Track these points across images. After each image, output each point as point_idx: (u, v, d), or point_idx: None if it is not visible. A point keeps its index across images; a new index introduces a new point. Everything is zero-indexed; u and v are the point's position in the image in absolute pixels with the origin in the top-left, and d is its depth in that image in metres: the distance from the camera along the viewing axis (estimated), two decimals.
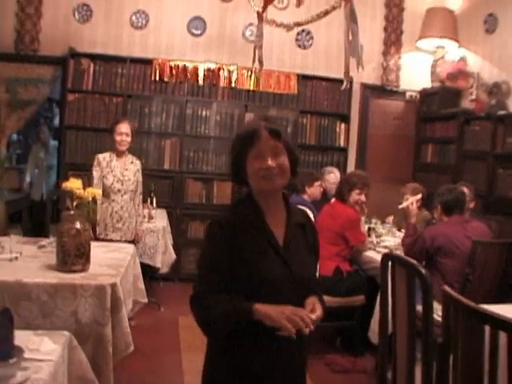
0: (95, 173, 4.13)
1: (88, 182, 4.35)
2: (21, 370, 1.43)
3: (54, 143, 5.87)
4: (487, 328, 1.57)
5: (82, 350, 1.86)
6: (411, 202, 3.95)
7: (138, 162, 4.37)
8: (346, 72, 2.74)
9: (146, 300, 3.36)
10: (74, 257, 2.52)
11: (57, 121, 7.05)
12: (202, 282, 1.59)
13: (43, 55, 5.55)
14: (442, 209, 3.57)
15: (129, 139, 4.23)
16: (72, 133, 5.45)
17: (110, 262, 2.83)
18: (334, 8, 2.44)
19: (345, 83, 2.82)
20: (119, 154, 4.22)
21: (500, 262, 3.22)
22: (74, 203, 2.71)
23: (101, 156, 4.19)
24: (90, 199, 2.78)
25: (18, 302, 2.33)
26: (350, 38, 2.45)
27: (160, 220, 4.68)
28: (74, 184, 2.74)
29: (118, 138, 4.15)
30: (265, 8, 2.63)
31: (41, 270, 2.56)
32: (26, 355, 1.49)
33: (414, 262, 2.13)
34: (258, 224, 1.62)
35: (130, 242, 4.01)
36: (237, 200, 1.74)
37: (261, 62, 3.06)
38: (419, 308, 2.16)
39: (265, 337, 1.50)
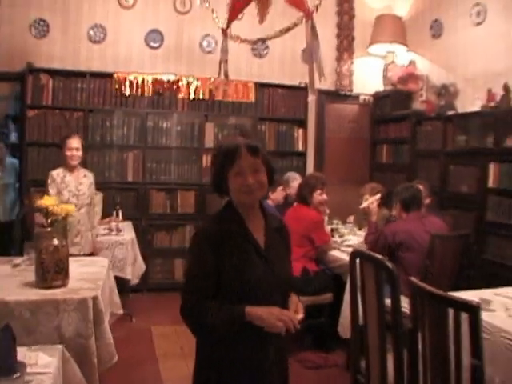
0: (51, 190, 4.18)
1: None
2: (24, 383, 1.51)
3: (10, 160, 5.77)
4: (451, 311, 1.75)
5: (74, 362, 1.94)
6: (371, 201, 4.14)
7: (90, 175, 4.46)
8: (311, 85, 2.88)
9: (121, 312, 3.43)
10: (53, 273, 2.59)
11: (13, 137, 6.99)
12: (191, 290, 1.69)
13: (0, 71, 5.50)
14: (400, 206, 3.78)
15: (79, 153, 4.30)
16: (33, 149, 5.43)
17: (87, 276, 2.89)
18: (295, 25, 2.59)
19: (310, 96, 2.96)
20: (71, 169, 4.28)
21: (456, 253, 3.45)
22: (49, 220, 2.77)
23: (54, 172, 4.25)
24: (63, 215, 2.84)
25: (0, 321, 2.37)
26: (314, 51, 2.59)
27: (128, 232, 4.74)
28: (48, 201, 2.80)
29: (68, 153, 4.23)
30: (228, 25, 2.77)
31: (20, 288, 2.60)
32: (27, 370, 1.57)
33: (381, 257, 2.30)
34: (240, 231, 1.74)
35: (88, 255, 4.08)
36: (218, 210, 1.85)
37: (226, 76, 3.18)
38: (388, 301, 2.33)
39: (253, 334, 1.62)
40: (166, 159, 5.79)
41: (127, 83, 5.59)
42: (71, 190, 4.23)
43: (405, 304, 2.35)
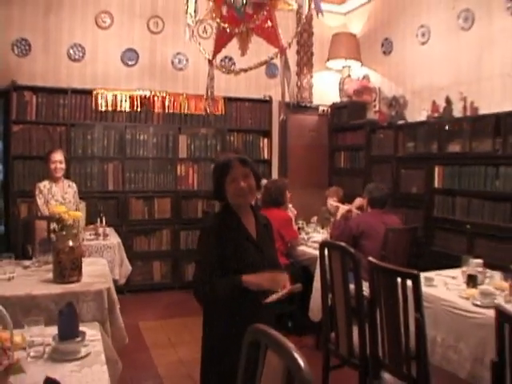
0: (39, 200, 4.64)
1: (35, 209, 4.85)
2: (84, 346, 1.98)
3: None
4: (399, 280, 2.32)
5: (105, 335, 2.40)
6: (343, 208, 4.72)
7: (74, 185, 4.94)
8: (283, 106, 3.40)
9: (119, 306, 3.86)
10: (70, 270, 3.03)
11: None
12: (202, 272, 2.19)
13: None
14: (368, 202, 4.38)
15: (63, 166, 4.77)
16: (19, 162, 5.76)
17: (94, 273, 3.33)
18: (272, 58, 3.11)
19: (282, 116, 3.48)
20: (56, 180, 4.74)
21: (407, 244, 4.07)
22: (60, 225, 3.21)
23: (41, 184, 4.70)
24: (72, 221, 3.29)
25: (28, 312, 2.78)
26: (286, 82, 3.12)
27: (114, 237, 5.16)
28: (59, 209, 3.24)
29: (52, 166, 4.69)
30: (214, 56, 3.25)
31: (41, 284, 3.02)
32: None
33: (345, 244, 2.86)
34: (237, 225, 2.28)
35: None
36: (217, 212, 2.38)
37: (213, 99, 3.68)
38: (352, 287, 2.89)
39: (248, 303, 2.16)
40: (143, 169, 6.23)
41: (106, 99, 6.00)
42: (58, 199, 4.68)
43: (365, 288, 2.90)
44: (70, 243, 3.07)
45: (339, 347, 3.08)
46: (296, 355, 1.18)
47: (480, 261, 3.43)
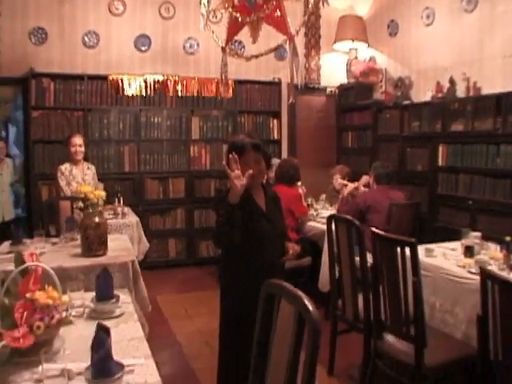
0: (61, 182, 4.92)
1: (56, 190, 5.13)
2: (118, 307, 2.24)
3: (9, 159, 6.34)
4: (398, 248, 2.55)
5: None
6: (350, 186, 4.97)
7: (93, 167, 5.23)
8: (291, 90, 3.60)
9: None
10: (97, 244, 3.29)
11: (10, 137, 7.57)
12: (220, 222, 2.43)
13: (3, 77, 6.03)
14: (374, 178, 4.60)
15: (82, 149, 5.05)
16: (39, 146, 6.03)
17: (118, 247, 3.59)
18: (281, 45, 3.32)
19: (290, 99, 3.68)
20: (76, 163, 5.02)
21: (410, 218, 4.30)
22: (85, 204, 3.46)
23: (62, 167, 4.97)
24: (97, 200, 3.54)
25: (65, 283, 3.05)
26: (295, 68, 3.32)
27: (132, 216, 5.41)
28: (84, 189, 3.50)
29: (72, 149, 4.97)
30: (227, 44, 3.45)
31: (70, 258, 3.28)
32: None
33: (350, 217, 3.10)
34: (247, 200, 2.51)
35: None
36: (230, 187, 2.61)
37: (226, 84, 3.89)
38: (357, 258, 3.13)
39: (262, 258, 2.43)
40: (157, 151, 6.49)
41: (120, 84, 6.23)
42: (78, 180, 4.95)
43: (369, 259, 3.13)
44: (97, 219, 3.33)
45: (346, 313, 3.34)
46: (306, 301, 1.41)
47: (478, 234, 3.64)
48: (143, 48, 6.54)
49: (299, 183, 5.30)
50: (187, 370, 3.55)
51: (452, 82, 5.46)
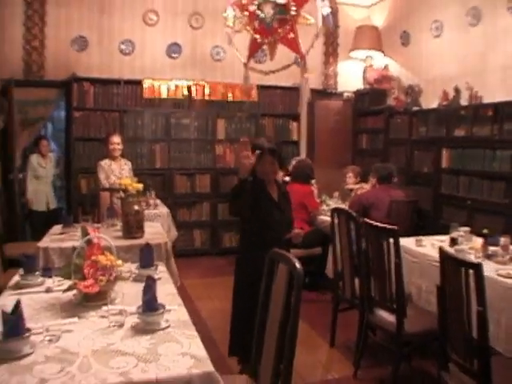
0: (101, 175, 5.55)
1: (96, 183, 5.77)
2: (157, 274, 2.82)
3: (52, 154, 6.98)
4: (383, 236, 3.10)
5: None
6: (360, 187, 5.51)
7: (129, 163, 5.84)
8: (301, 100, 4.16)
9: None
10: (135, 228, 3.90)
11: (49, 133, 8.29)
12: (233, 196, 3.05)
13: (49, 80, 6.71)
14: (377, 179, 5.12)
15: (120, 147, 5.67)
16: (79, 143, 6.70)
17: (153, 231, 4.20)
18: (294, 63, 3.89)
19: (303, 106, 4.25)
20: (114, 159, 5.64)
21: (408, 213, 4.82)
22: (126, 194, 4.07)
23: (102, 162, 5.60)
24: (135, 192, 4.14)
25: None
26: (304, 81, 3.90)
27: (163, 207, 6.02)
28: (125, 181, 4.11)
29: (111, 147, 5.60)
30: (248, 60, 4.02)
31: (113, 239, 3.86)
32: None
33: (349, 210, 3.65)
34: (262, 190, 3.10)
35: None
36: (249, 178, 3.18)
37: (248, 93, 4.50)
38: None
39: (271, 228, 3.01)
40: (186, 149, 7.11)
41: (153, 88, 6.86)
42: (116, 174, 5.58)
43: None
44: (136, 207, 3.94)
45: (345, 293, 3.89)
46: (294, 261, 1.97)
47: (467, 228, 4.13)
48: (174, 55, 7.15)
49: (313, 181, 5.85)
50: (209, 338, 4.12)
51: (457, 90, 5.91)
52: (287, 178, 5.81)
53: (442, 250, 2.55)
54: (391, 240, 3.07)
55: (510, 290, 2.78)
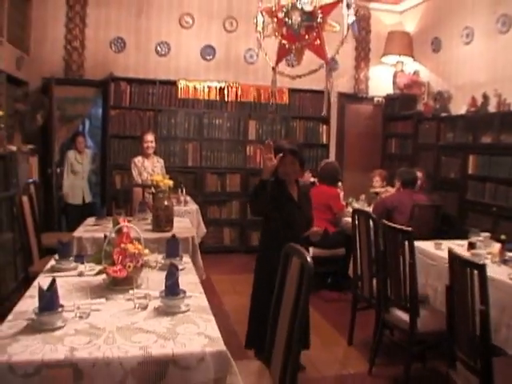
0: (134, 172, 5.77)
1: (129, 179, 6.00)
2: (181, 264, 3.00)
3: (89, 150, 7.29)
4: (399, 236, 3.22)
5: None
6: (385, 190, 5.62)
7: (161, 160, 6.05)
8: (327, 105, 4.29)
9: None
10: (165, 222, 4.10)
11: (86, 130, 8.62)
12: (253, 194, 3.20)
13: (87, 79, 7.02)
14: (401, 183, 5.21)
15: (154, 145, 5.88)
16: (115, 140, 6.97)
17: (181, 226, 4.40)
18: (319, 68, 4.04)
19: (324, 111, 4.38)
20: (147, 156, 5.86)
21: (430, 218, 4.89)
22: (157, 190, 4.28)
23: (136, 159, 5.82)
24: (166, 188, 4.34)
25: None
26: (329, 86, 4.03)
27: (192, 204, 6.22)
28: (157, 178, 4.31)
29: (145, 144, 5.81)
30: (276, 64, 4.19)
31: (143, 232, 4.08)
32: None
33: (369, 211, 3.77)
34: (282, 190, 3.26)
35: None
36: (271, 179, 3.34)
37: (275, 96, 4.66)
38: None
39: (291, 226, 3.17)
40: (217, 149, 7.32)
41: (187, 89, 7.09)
42: (149, 171, 5.80)
43: None
44: (166, 203, 4.14)
45: (363, 292, 4.01)
46: (306, 255, 2.12)
47: (487, 234, 4.18)
48: (208, 57, 7.37)
49: (340, 183, 5.96)
50: (231, 330, 4.30)
51: (485, 97, 5.94)
52: (313, 179, 5.94)
53: (450, 251, 2.66)
54: (406, 242, 3.18)
55: None
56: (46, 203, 6.63)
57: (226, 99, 7.26)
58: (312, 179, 5.97)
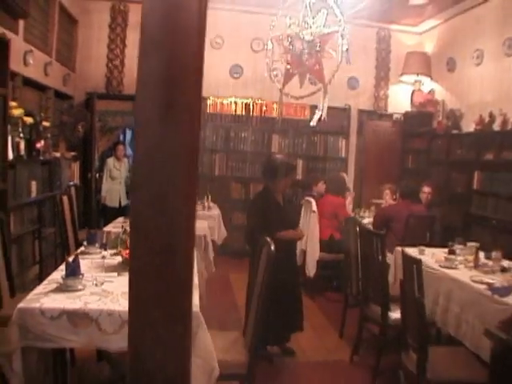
0: None
1: None
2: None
3: (125, 159, 7.97)
4: (374, 238, 3.72)
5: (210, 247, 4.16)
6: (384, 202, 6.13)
7: None
8: (318, 120, 4.81)
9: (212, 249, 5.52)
10: None
11: (127, 139, 9.39)
12: (250, 229, 3.78)
13: (126, 94, 7.73)
14: (400, 195, 5.67)
15: None
16: None
17: (198, 226, 4.95)
18: (319, 90, 4.61)
19: (312, 123, 4.92)
20: None
21: (425, 228, 5.32)
22: None
23: None
24: None
25: None
26: (325, 103, 4.59)
27: (215, 209, 6.83)
28: None
29: None
30: (283, 86, 4.78)
31: None
32: None
33: (358, 218, 4.28)
34: (274, 201, 3.84)
35: None
36: (261, 191, 3.93)
37: (281, 113, 5.27)
38: None
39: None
40: (243, 160, 7.96)
41: (216, 104, 7.76)
42: None
43: (390, 257, 4.25)
44: None
45: (352, 290, 4.51)
46: (269, 241, 2.68)
47: (475, 244, 4.57)
48: (236, 75, 8.02)
49: (348, 193, 6.47)
50: (240, 319, 4.86)
51: (491, 116, 6.31)
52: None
53: (403, 251, 3.16)
54: (379, 243, 3.68)
55: (477, 294, 3.29)
56: (85, 204, 7.38)
57: (251, 114, 7.87)
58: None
